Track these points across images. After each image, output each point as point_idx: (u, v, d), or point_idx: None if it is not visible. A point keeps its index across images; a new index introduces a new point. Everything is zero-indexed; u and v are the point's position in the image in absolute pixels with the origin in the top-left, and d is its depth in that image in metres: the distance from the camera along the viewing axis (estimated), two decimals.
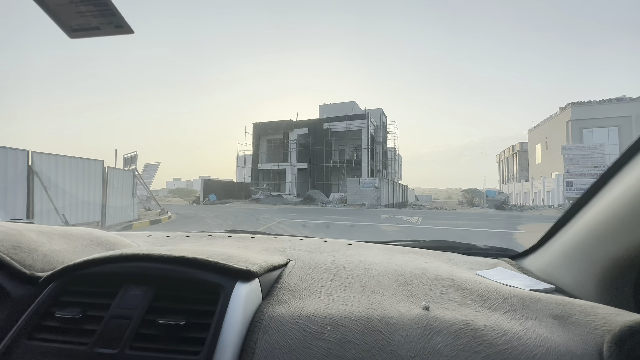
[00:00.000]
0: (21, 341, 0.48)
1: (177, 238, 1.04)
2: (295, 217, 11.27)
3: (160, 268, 0.53)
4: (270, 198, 22.20)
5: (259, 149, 28.58)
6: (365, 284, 0.63)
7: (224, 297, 0.51)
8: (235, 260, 0.57)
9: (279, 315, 0.51)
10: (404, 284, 0.64)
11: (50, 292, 0.53)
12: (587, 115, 24.01)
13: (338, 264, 0.75)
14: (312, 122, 27.30)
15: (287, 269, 0.70)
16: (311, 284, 0.63)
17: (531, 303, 0.55)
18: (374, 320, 0.50)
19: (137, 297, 0.51)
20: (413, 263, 0.77)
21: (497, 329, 0.48)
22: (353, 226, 9.01)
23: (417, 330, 0.48)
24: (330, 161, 26.00)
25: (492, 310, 0.54)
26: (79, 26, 0.44)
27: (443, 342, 0.46)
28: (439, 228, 8.91)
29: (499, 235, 7.49)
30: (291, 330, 0.48)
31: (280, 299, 0.56)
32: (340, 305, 0.54)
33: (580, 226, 0.66)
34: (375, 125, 27.50)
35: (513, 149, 38.40)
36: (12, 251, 0.57)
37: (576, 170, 16.95)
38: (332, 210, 15.65)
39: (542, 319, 0.51)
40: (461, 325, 0.49)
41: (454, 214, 14.73)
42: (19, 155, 6.64)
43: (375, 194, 20.46)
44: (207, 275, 0.53)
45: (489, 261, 0.86)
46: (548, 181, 22.88)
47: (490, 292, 0.59)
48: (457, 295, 0.59)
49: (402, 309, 0.53)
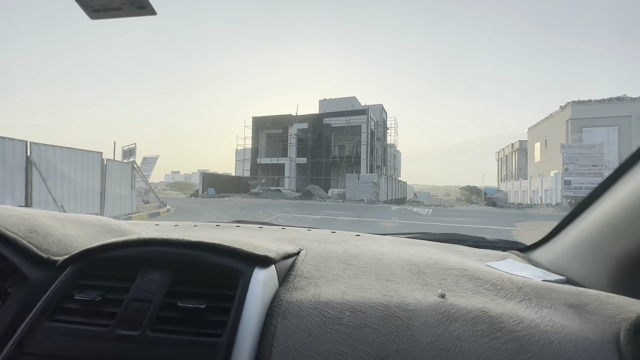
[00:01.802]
0: (42, 322, 0.48)
1: (185, 227, 1.04)
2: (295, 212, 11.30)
3: (179, 253, 0.54)
4: (269, 192, 22.21)
5: (258, 143, 28.51)
6: (379, 272, 0.64)
7: (243, 282, 0.51)
8: (252, 247, 0.57)
9: (297, 301, 0.51)
10: (417, 273, 0.64)
11: (69, 276, 0.53)
12: (587, 114, 24.03)
13: (349, 253, 0.75)
14: (312, 117, 27.20)
15: (300, 257, 0.70)
16: (325, 272, 0.63)
17: (545, 292, 0.56)
18: (391, 307, 0.50)
19: (156, 281, 0.51)
20: (424, 254, 0.78)
21: (514, 316, 0.49)
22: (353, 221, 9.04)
23: (435, 317, 0.48)
24: (329, 156, 25.96)
25: (506, 299, 0.55)
26: (101, 6, 0.44)
27: (462, 328, 0.46)
28: (438, 224, 8.96)
29: (497, 233, 7.54)
30: (310, 315, 0.49)
31: (296, 285, 0.57)
32: (356, 292, 0.54)
33: (593, 220, 0.66)
34: (375, 121, 27.44)
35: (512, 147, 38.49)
36: (29, 235, 0.57)
37: (575, 169, 17.03)
38: (331, 206, 15.68)
39: (557, 307, 0.52)
40: (478, 312, 0.49)
41: (452, 211, 14.80)
42: (17, 145, 6.60)
43: (374, 190, 20.51)
44: (225, 261, 0.53)
45: (498, 253, 0.87)
46: (546, 180, 22.99)
47: (503, 282, 0.60)
48: (471, 285, 0.60)
49: (419, 297, 0.53)
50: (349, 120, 25.01)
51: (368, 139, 24.76)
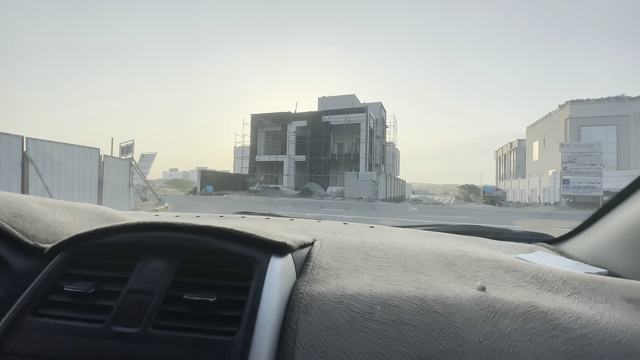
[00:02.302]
0: (26, 317, 0.41)
1: (187, 217, 0.98)
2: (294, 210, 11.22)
3: (185, 238, 0.47)
4: (267, 190, 22.12)
5: (257, 140, 28.36)
6: (405, 264, 0.58)
7: (259, 272, 0.44)
8: (266, 234, 0.51)
9: (320, 294, 0.45)
10: (447, 265, 0.58)
11: (58, 264, 0.46)
12: (585, 113, 24.06)
13: (368, 244, 0.69)
14: (311, 114, 27.06)
15: (315, 248, 0.64)
16: (345, 263, 0.57)
17: (596, 285, 0.50)
18: (428, 301, 0.44)
19: (159, 271, 0.45)
20: (447, 245, 0.72)
21: (568, 312, 0.42)
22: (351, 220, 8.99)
23: (480, 312, 0.42)
24: (328, 154, 25.86)
25: (553, 292, 0.49)
26: None
27: (512, 325, 0.40)
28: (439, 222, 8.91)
29: None
30: (336, 310, 0.42)
31: (316, 277, 0.51)
32: (385, 284, 0.48)
33: (638, 210, 0.60)
34: (374, 119, 27.34)
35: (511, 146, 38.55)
36: (13, 219, 0.51)
37: (573, 168, 17.03)
38: (330, 204, 15.62)
39: (614, 302, 0.46)
40: (527, 307, 0.43)
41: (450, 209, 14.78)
42: (12, 141, 6.48)
43: (373, 188, 20.45)
44: (238, 248, 0.47)
45: (525, 246, 0.81)
46: (544, 178, 23.00)
47: (545, 275, 0.54)
48: (510, 277, 0.54)
49: (457, 290, 0.47)
50: (348, 118, 24.90)
51: (367, 137, 24.68)
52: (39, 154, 6.91)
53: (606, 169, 18.41)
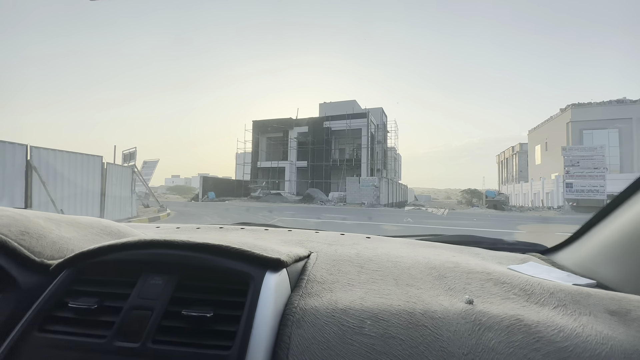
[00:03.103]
0: (32, 333, 0.44)
1: (187, 229, 1.00)
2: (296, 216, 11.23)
3: (183, 255, 0.49)
4: (269, 196, 22.15)
5: (259, 146, 28.49)
6: (397, 276, 0.59)
7: (254, 288, 0.46)
8: (262, 249, 0.53)
9: (312, 308, 0.47)
10: (438, 277, 0.60)
11: (63, 281, 0.49)
12: (587, 116, 24.02)
13: (363, 256, 0.71)
14: (312, 120, 27.21)
15: (311, 260, 0.66)
16: (339, 276, 0.59)
17: (581, 298, 0.51)
18: (416, 314, 0.46)
19: (159, 287, 0.47)
20: (441, 257, 0.74)
21: (552, 324, 0.44)
22: None
23: (466, 326, 0.44)
24: (330, 160, 25.92)
25: (539, 305, 0.50)
26: None
27: (496, 338, 0.42)
28: (439, 228, 8.89)
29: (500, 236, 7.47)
30: (327, 324, 0.44)
31: (310, 291, 0.52)
32: (376, 298, 0.50)
33: (627, 220, 0.62)
34: (375, 125, 27.45)
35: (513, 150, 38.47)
36: (20, 237, 0.53)
37: (576, 171, 16.97)
38: (332, 209, 15.61)
39: (597, 314, 0.47)
40: (512, 320, 0.45)
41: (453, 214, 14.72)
42: (17, 149, 6.57)
43: (374, 193, 20.43)
44: (234, 264, 0.49)
45: (518, 256, 0.82)
46: (547, 182, 22.91)
47: (533, 287, 0.55)
48: (498, 290, 0.55)
49: (445, 303, 0.49)
50: (349, 123, 25.01)
51: (368, 142, 24.74)
52: (42, 162, 6.99)
53: (609, 172, 18.32)
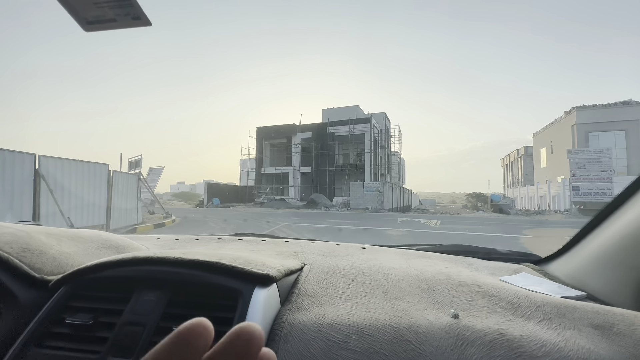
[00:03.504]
0: (30, 348, 0.45)
1: (186, 241, 1.02)
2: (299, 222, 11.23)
3: (175, 272, 0.51)
4: (273, 202, 22.19)
5: (263, 153, 28.66)
6: (387, 289, 0.60)
7: (242, 304, 0.48)
8: (252, 264, 0.54)
9: (300, 323, 0.48)
10: (427, 290, 0.60)
11: (61, 297, 0.51)
12: (592, 119, 23.80)
13: (355, 268, 0.72)
14: (316, 126, 27.33)
15: (303, 273, 0.67)
16: (330, 290, 0.60)
17: (567, 312, 0.52)
18: (401, 329, 0.47)
19: (151, 303, 0.49)
20: (433, 268, 0.74)
21: (534, 339, 0.45)
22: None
23: (449, 341, 0.45)
24: (333, 165, 25.95)
25: (525, 319, 0.51)
26: (95, 18, 0.43)
27: (478, 353, 0.43)
28: (443, 232, 8.83)
29: (506, 241, 7.39)
30: (314, 339, 0.45)
31: (299, 305, 0.54)
32: (363, 312, 0.51)
33: (614, 231, 0.63)
34: (378, 129, 27.48)
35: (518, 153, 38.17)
36: (22, 254, 0.55)
37: (583, 174, 16.78)
38: (336, 215, 15.58)
39: (581, 328, 0.48)
40: (495, 335, 0.45)
41: (458, 219, 14.60)
42: (25, 158, 6.69)
43: (378, 198, 20.37)
44: (224, 280, 0.51)
45: (511, 266, 0.83)
46: (554, 185, 22.64)
47: (520, 300, 0.56)
48: (486, 303, 0.56)
49: (430, 317, 0.50)
50: (352, 128, 25.07)
51: (372, 147, 24.75)
52: (50, 170, 7.11)
53: (617, 175, 18.06)
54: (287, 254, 0.84)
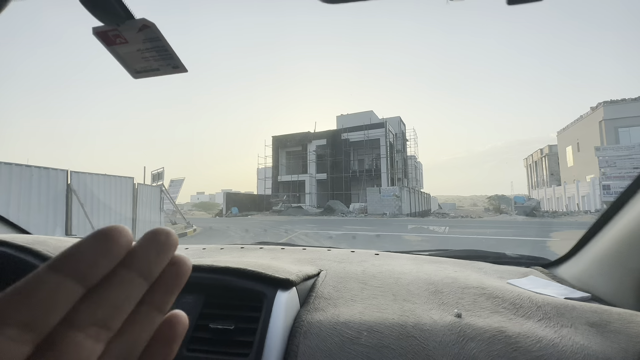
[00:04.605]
0: None
1: (212, 250, 1.11)
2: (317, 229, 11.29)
3: (209, 277, 0.59)
4: (290, 209, 22.41)
5: (279, 161, 29.12)
6: (397, 292, 0.66)
7: (267, 305, 0.55)
8: (274, 270, 0.61)
9: (317, 322, 0.55)
10: (434, 293, 0.65)
11: None
12: (622, 113, 22.60)
13: (368, 273, 0.77)
14: (330, 133, 27.55)
15: (320, 278, 0.73)
16: (344, 293, 0.66)
17: (566, 311, 0.55)
18: (408, 327, 0.52)
19: (190, 304, 0.57)
20: (442, 272, 0.79)
21: (532, 336, 0.49)
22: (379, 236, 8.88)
23: (451, 337, 0.50)
24: (349, 171, 25.97)
25: (525, 318, 0.55)
26: (142, 68, 0.52)
27: (477, 348, 0.48)
28: (466, 237, 8.61)
29: (531, 244, 7.13)
30: (330, 335, 0.52)
31: (317, 306, 0.60)
32: (374, 312, 0.57)
33: (616, 233, 0.65)
34: (393, 134, 27.34)
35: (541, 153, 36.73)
36: None
37: (613, 172, 15.93)
38: (353, 221, 15.53)
39: (578, 326, 0.51)
40: (494, 332, 0.50)
41: (480, 222, 14.18)
42: (59, 175, 7.17)
43: (396, 203, 20.14)
44: (250, 284, 0.58)
45: (521, 270, 0.85)
46: (582, 185, 21.58)
47: (522, 301, 0.60)
48: (489, 304, 0.60)
49: (435, 316, 0.55)
50: (367, 134, 25.08)
51: (387, 152, 24.61)
52: (80, 185, 7.56)
53: None
54: (304, 261, 0.90)
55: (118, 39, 0.48)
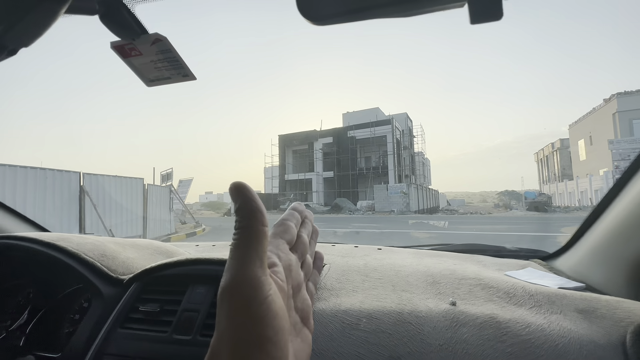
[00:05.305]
0: (116, 330, 0.59)
1: (222, 247, 1.16)
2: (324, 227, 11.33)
3: (219, 269, 0.63)
4: None
5: (285, 160, 29.26)
6: (396, 283, 0.69)
7: None
8: None
9: (320, 310, 0.59)
10: (432, 283, 0.68)
11: (134, 291, 0.65)
12: (636, 105, 21.98)
13: (369, 266, 0.81)
14: (336, 130, 27.51)
15: (324, 271, 0.77)
16: (346, 284, 0.70)
17: (557, 299, 0.58)
18: (404, 314, 0.56)
19: (202, 294, 0.61)
20: (441, 265, 0.82)
21: (521, 321, 0.52)
22: None
23: (445, 322, 0.53)
24: (356, 169, 25.93)
25: (517, 306, 0.58)
26: (155, 77, 0.57)
27: (469, 332, 0.51)
28: (475, 234, 8.55)
29: (540, 239, 7.04)
30: (331, 322, 0.56)
31: (320, 296, 0.64)
32: (373, 301, 0.60)
33: (608, 223, 0.67)
34: (400, 130, 27.15)
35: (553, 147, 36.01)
36: (101, 258, 0.71)
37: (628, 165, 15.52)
38: (360, 219, 15.52)
39: (567, 313, 0.54)
40: (486, 318, 0.53)
41: (490, 219, 14.03)
42: (72, 177, 7.38)
43: (404, 200, 20.04)
44: None
45: (519, 262, 0.88)
46: (595, 179, 21.10)
47: (516, 290, 0.63)
48: (484, 293, 0.63)
49: (431, 304, 0.58)
50: (373, 131, 24.98)
51: (394, 149, 24.47)
52: (92, 186, 7.77)
53: None
54: None
55: (133, 52, 0.53)
